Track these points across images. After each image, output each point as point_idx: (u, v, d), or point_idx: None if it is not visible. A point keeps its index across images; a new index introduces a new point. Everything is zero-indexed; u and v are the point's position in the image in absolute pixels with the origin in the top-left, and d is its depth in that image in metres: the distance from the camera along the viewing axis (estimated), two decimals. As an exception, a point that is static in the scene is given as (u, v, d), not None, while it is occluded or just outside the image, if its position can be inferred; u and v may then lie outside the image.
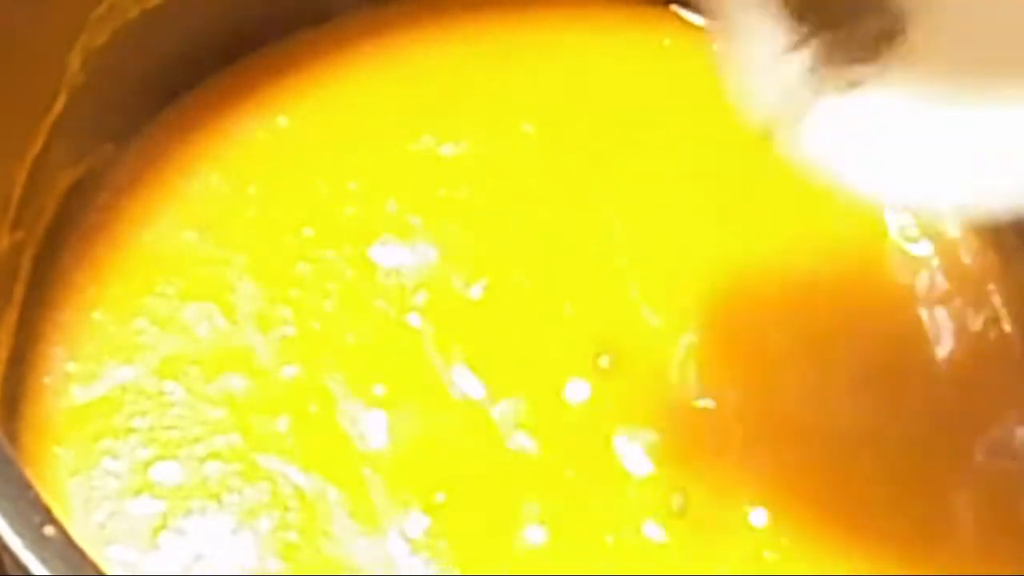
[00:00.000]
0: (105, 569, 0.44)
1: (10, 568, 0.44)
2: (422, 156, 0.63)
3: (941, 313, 0.62)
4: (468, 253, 0.61)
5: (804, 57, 0.50)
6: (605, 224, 0.62)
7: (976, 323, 0.62)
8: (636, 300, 0.60)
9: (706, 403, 0.58)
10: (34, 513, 0.44)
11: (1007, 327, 0.62)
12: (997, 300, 0.62)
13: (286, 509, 0.56)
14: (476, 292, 0.60)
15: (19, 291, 0.58)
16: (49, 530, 0.44)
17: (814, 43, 0.50)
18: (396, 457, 0.57)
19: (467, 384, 0.58)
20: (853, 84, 0.50)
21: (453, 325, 0.59)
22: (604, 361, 0.59)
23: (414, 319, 0.59)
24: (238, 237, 0.61)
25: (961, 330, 0.61)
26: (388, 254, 0.61)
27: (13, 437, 0.55)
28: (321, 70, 0.64)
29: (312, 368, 0.58)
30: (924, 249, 0.63)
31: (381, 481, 0.56)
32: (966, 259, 0.63)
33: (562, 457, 0.57)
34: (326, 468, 0.56)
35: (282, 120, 0.63)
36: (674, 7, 0.66)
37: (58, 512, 0.45)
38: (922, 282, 0.62)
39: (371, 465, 0.57)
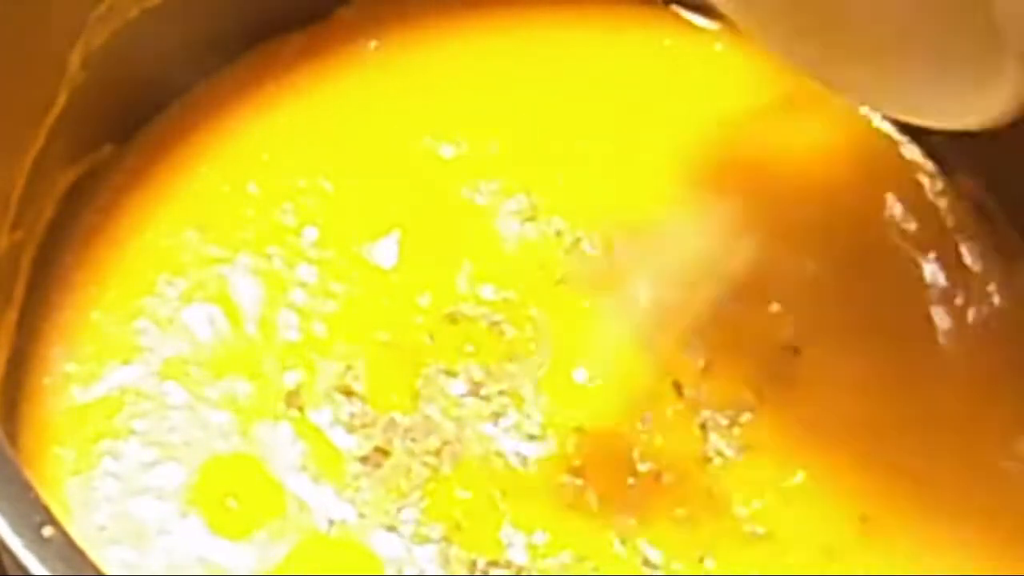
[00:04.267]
0: (105, 570, 0.44)
1: (10, 568, 0.44)
2: (423, 155, 0.63)
3: (942, 314, 0.61)
4: (472, 254, 0.61)
5: None
6: (607, 223, 0.62)
7: (977, 324, 0.61)
8: (643, 294, 0.60)
9: (712, 415, 0.59)
10: (34, 513, 0.44)
11: (1008, 327, 0.62)
12: (998, 300, 0.62)
13: (288, 514, 0.55)
14: (482, 294, 0.60)
15: (19, 291, 0.58)
16: (49, 531, 0.44)
17: None
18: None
19: (475, 385, 0.58)
20: None
21: (458, 327, 0.59)
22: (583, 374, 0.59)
23: (419, 321, 0.59)
24: (239, 238, 0.60)
25: (962, 331, 0.61)
26: (392, 254, 0.61)
27: (13, 437, 0.55)
28: (321, 69, 0.64)
29: (315, 372, 0.58)
30: (925, 248, 0.63)
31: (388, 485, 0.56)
32: (968, 260, 0.63)
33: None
34: (329, 475, 0.56)
35: (282, 119, 0.63)
36: (674, 7, 0.66)
37: (58, 513, 0.44)
38: (923, 282, 0.62)
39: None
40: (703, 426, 0.58)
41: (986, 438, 0.59)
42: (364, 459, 0.56)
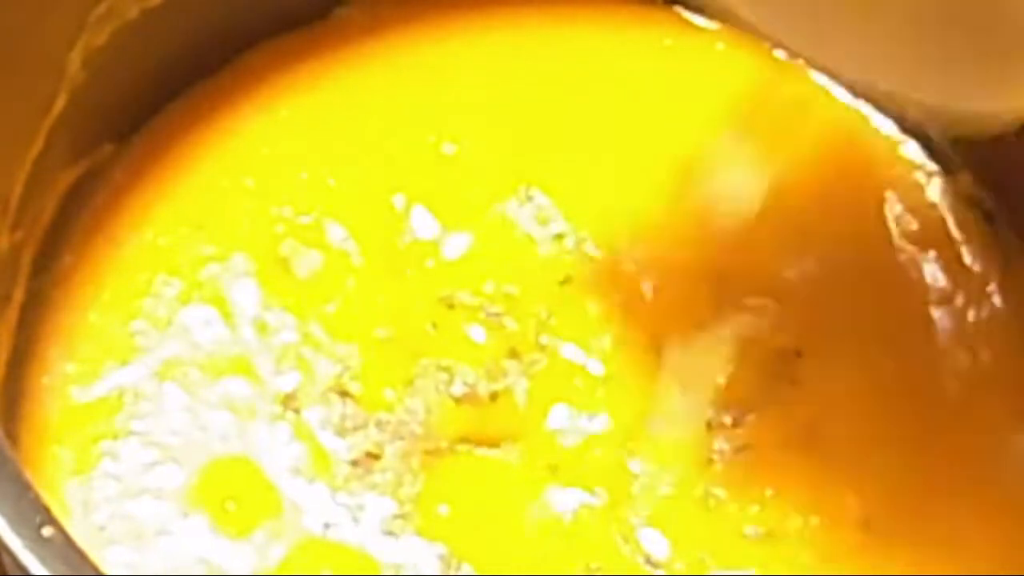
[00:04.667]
0: (105, 570, 0.44)
1: (10, 568, 0.44)
2: (424, 154, 0.62)
3: (942, 313, 0.61)
4: (474, 252, 0.61)
5: None
6: (609, 223, 0.61)
7: (977, 323, 0.61)
8: (644, 293, 0.60)
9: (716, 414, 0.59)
10: (34, 513, 0.44)
11: (1008, 327, 0.62)
12: (998, 300, 0.62)
13: (285, 516, 0.55)
14: (484, 294, 0.60)
15: (19, 291, 0.58)
16: (48, 531, 0.44)
17: None
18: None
19: (470, 386, 0.58)
20: None
21: (456, 313, 0.59)
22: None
23: (420, 325, 0.59)
24: (238, 237, 0.60)
25: (962, 330, 0.61)
26: (391, 253, 0.60)
27: (13, 437, 0.55)
28: (321, 68, 0.64)
29: (312, 374, 0.58)
30: (925, 248, 0.63)
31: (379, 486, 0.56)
32: (967, 259, 0.63)
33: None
34: (323, 477, 0.56)
35: (283, 118, 0.63)
36: (676, 7, 0.66)
37: (58, 513, 0.44)
38: (923, 282, 0.62)
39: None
40: (708, 425, 0.58)
41: (987, 438, 0.59)
42: (355, 463, 0.56)
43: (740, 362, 0.59)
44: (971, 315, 0.62)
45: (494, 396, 0.58)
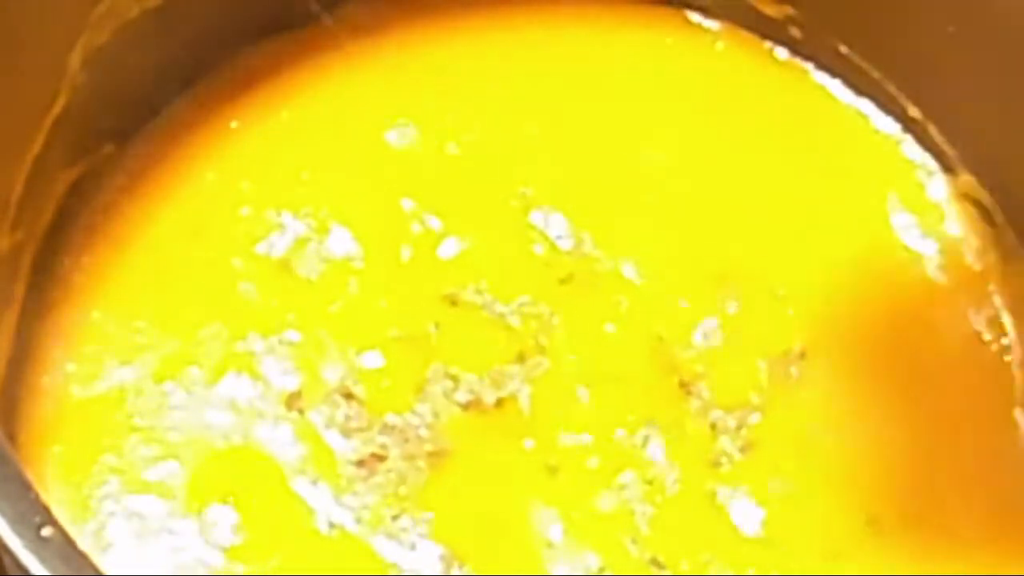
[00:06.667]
0: (104, 570, 0.44)
1: (10, 568, 0.44)
2: (427, 155, 0.63)
3: (944, 314, 0.62)
4: (476, 255, 0.61)
5: None
6: (610, 222, 0.62)
7: (977, 323, 0.61)
8: (646, 294, 0.60)
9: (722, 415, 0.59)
10: (34, 513, 0.44)
11: (1007, 327, 0.62)
12: (998, 300, 0.62)
13: (288, 515, 0.56)
14: (486, 298, 0.60)
15: (19, 291, 0.58)
16: (48, 531, 0.44)
17: None
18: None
19: (476, 393, 0.58)
20: None
21: (462, 332, 0.59)
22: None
23: (423, 325, 0.59)
24: (238, 237, 0.60)
25: (962, 330, 0.61)
26: (392, 253, 0.60)
27: (13, 437, 0.55)
28: (322, 68, 0.64)
29: (317, 374, 0.58)
30: (926, 248, 0.63)
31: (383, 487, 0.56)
32: (967, 258, 0.63)
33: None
34: (327, 478, 0.56)
35: (283, 119, 0.63)
36: (677, 6, 0.66)
37: (58, 513, 0.45)
38: (924, 281, 0.62)
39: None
40: (713, 426, 0.58)
41: (991, 437, 0.59)
42: (359, 463, 0.56)
43: (744, 363, 0.59)
44: (971, 315, 0.62)
45: (499, 403, 0.58)
